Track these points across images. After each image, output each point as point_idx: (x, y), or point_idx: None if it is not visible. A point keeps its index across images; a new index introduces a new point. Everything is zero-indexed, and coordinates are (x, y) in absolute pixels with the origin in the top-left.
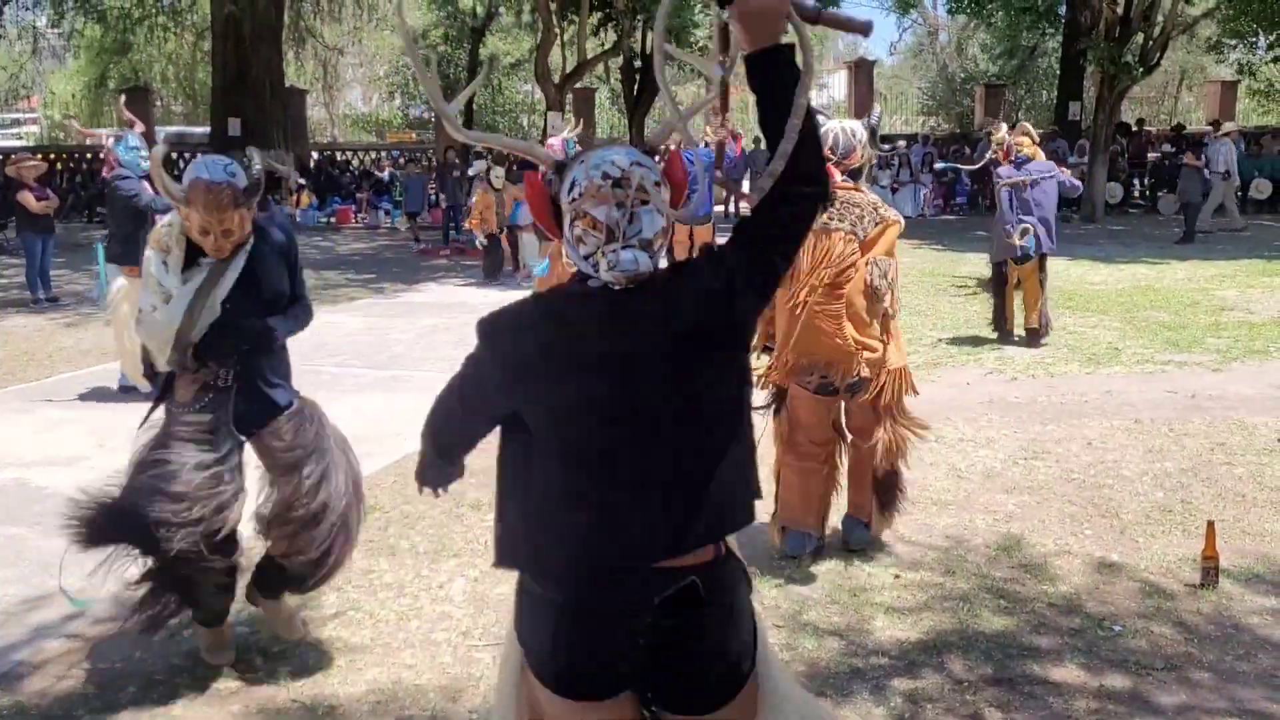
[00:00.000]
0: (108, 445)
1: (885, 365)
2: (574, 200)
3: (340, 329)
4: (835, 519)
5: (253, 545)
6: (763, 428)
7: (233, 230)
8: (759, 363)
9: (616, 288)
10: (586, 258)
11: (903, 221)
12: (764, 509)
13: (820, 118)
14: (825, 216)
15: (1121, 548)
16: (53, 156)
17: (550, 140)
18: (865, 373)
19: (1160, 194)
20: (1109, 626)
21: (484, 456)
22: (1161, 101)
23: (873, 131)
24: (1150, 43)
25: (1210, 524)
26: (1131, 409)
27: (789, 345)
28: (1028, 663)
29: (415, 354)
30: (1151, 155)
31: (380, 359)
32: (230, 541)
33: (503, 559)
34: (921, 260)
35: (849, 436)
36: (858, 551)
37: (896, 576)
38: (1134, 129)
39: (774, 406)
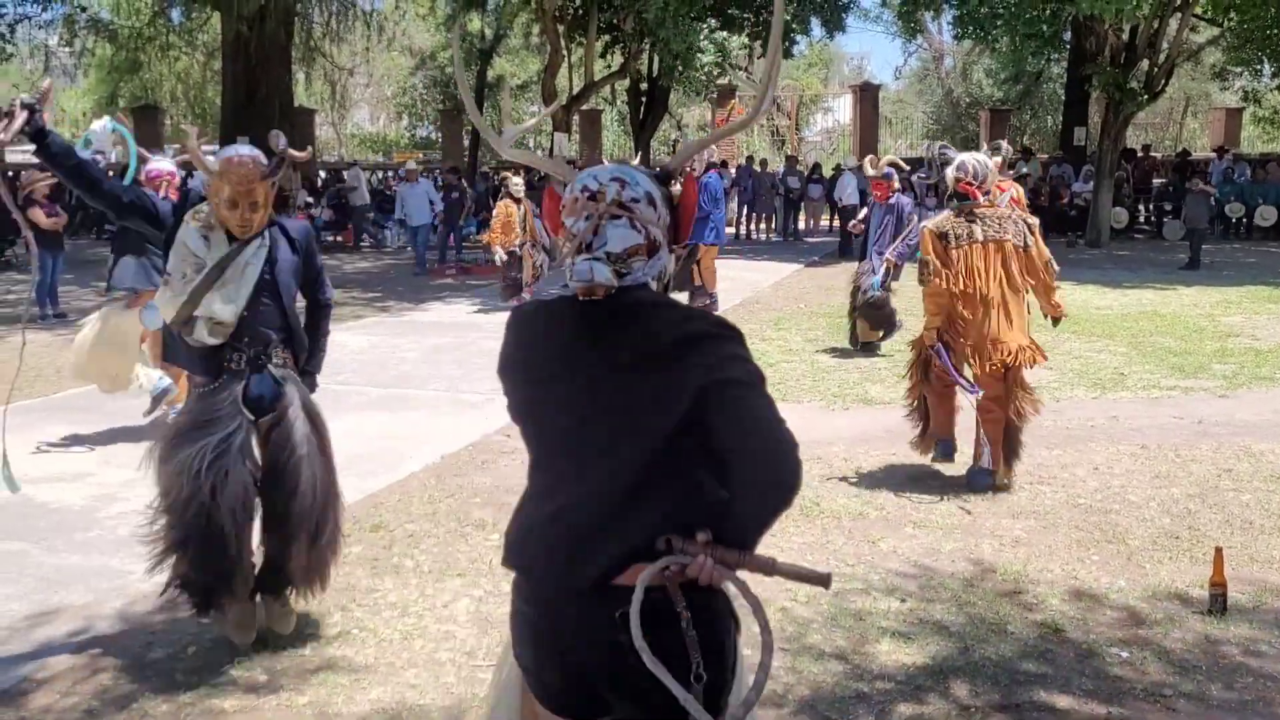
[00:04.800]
0: (112, 462)
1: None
2: (561, 213)
3: (346, 347)
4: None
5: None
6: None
7: (259, 203)
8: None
9: (581, 298)
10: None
11: (1037, 220)
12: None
13: (949, 153)
14: (988, 229)
15: (1128, 574)
16: None
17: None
18: (1019, 358)
19: (1165, 219)
20: (1116, 653)
21: (487, 474)
22: (1167, 127)
23: (1005, 161)
24: (1155, 69)
25: (1218, 550)
26: (1138, 434)
27: (943, 326)
28: (1034, 689)
29: (421, 373)
30: (1156, 181)
31: (385, 377)
32: (241, 513)
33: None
34: None
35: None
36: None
37: (902, 601)
38: (1139, 154)
39: (924, 369)
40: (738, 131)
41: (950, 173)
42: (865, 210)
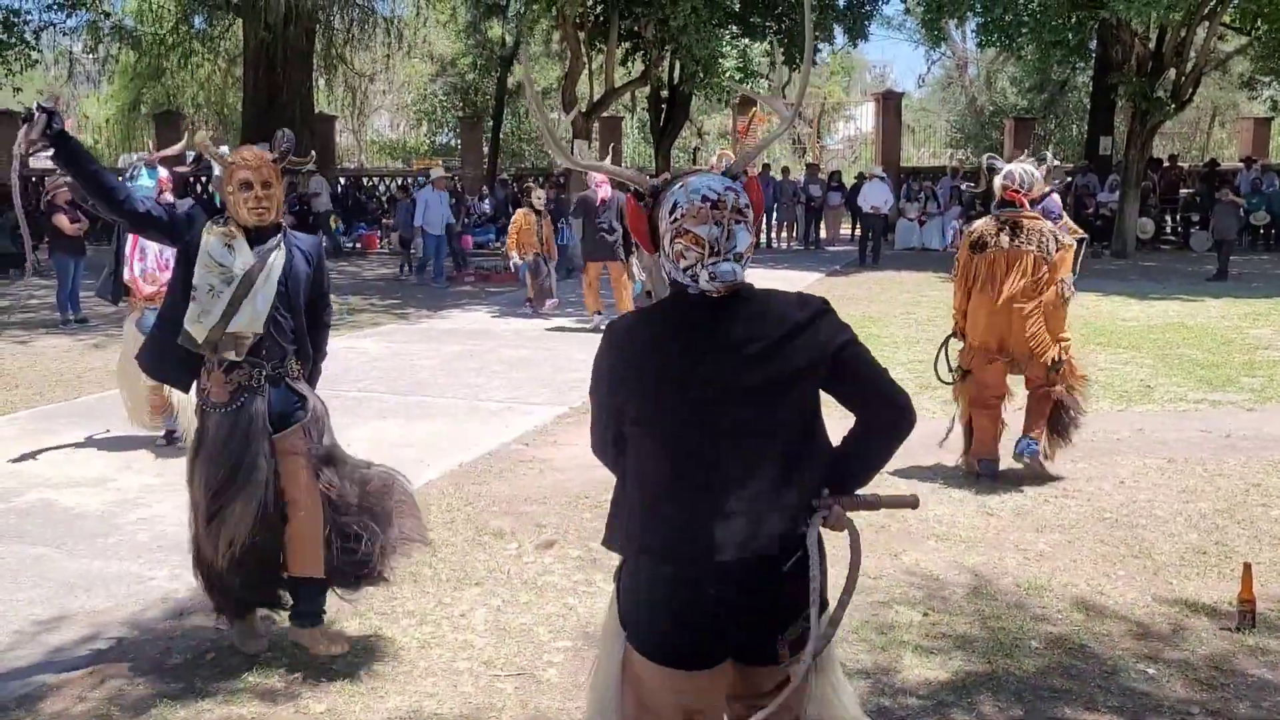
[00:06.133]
0: (133, 467)
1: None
2: (676, 220)
3: (364, 354)
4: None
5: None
6: (955, 392)
7: (270, 182)
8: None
9: (714, 295)
10: (686, 270)
11: (1075, 241)
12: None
13: (997, 163)
14: (1016, 241)
15: (1155, 589)
16: None
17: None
18: (1062, 356)
19: (1192, 230)
20: (1142, 670)
21: (505, 483)
22: (1194, 137)
23: (1049, 170)
24: (1182, 79)
25: (1247, 566)
26: (1164, 448)
27: (986, 336)
28: (1059, 706)
29: (439, 381)
30: (1183, 191)
31: (403, 384)
32: (259, 531)
33: (610, 540)
34: (948, 293)
35: (1011, 393)
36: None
37: (925, 615)
38: (1166, 164)
39: (963, 377)
40: (774, 141)
41: (998, 180)
42: None
